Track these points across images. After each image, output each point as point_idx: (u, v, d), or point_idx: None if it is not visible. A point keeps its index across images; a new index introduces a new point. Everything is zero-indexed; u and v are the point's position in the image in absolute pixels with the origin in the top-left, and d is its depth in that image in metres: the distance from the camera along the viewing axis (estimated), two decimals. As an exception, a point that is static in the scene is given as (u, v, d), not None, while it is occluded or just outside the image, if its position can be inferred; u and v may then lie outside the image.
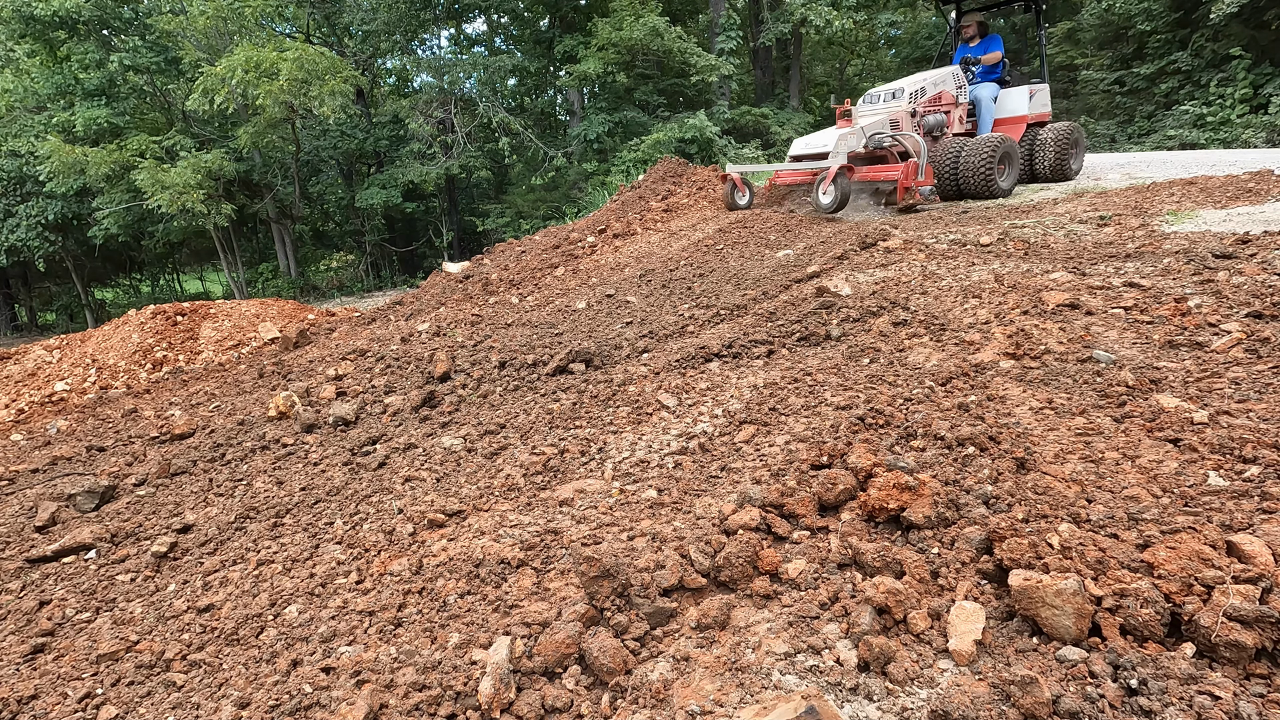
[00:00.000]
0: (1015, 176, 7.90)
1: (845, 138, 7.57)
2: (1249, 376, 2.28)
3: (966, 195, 7.70)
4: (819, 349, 3.23)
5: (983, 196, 7.60)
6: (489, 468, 2.76)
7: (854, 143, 7.60)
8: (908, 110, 8.09)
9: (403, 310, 7.08)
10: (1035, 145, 8.65)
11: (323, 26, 20.70)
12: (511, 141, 19.66)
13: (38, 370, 7.58)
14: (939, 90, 8.45)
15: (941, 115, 8.31)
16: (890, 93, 8.33)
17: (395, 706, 1.51)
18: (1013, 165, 7.83)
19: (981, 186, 7.52)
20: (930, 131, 8.22)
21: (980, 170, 7.45)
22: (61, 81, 17.45)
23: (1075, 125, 8.73)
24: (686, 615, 1.64)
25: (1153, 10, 17.72)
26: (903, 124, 8.03)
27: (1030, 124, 8.76)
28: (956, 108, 8.66)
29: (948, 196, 7.83)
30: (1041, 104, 8.97)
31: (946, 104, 8.54)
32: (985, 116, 8.76)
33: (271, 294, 18.96)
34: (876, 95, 8.42)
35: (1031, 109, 8.78)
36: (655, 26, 16.73)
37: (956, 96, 8.64)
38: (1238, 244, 3.80)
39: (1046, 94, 9.09)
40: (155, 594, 2.40)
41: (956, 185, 7.71)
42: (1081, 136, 8.82)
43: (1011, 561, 1.55)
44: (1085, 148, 9.02)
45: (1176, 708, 1.20)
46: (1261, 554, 1.43)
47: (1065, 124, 8.65)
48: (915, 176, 7.09)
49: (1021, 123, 8.73)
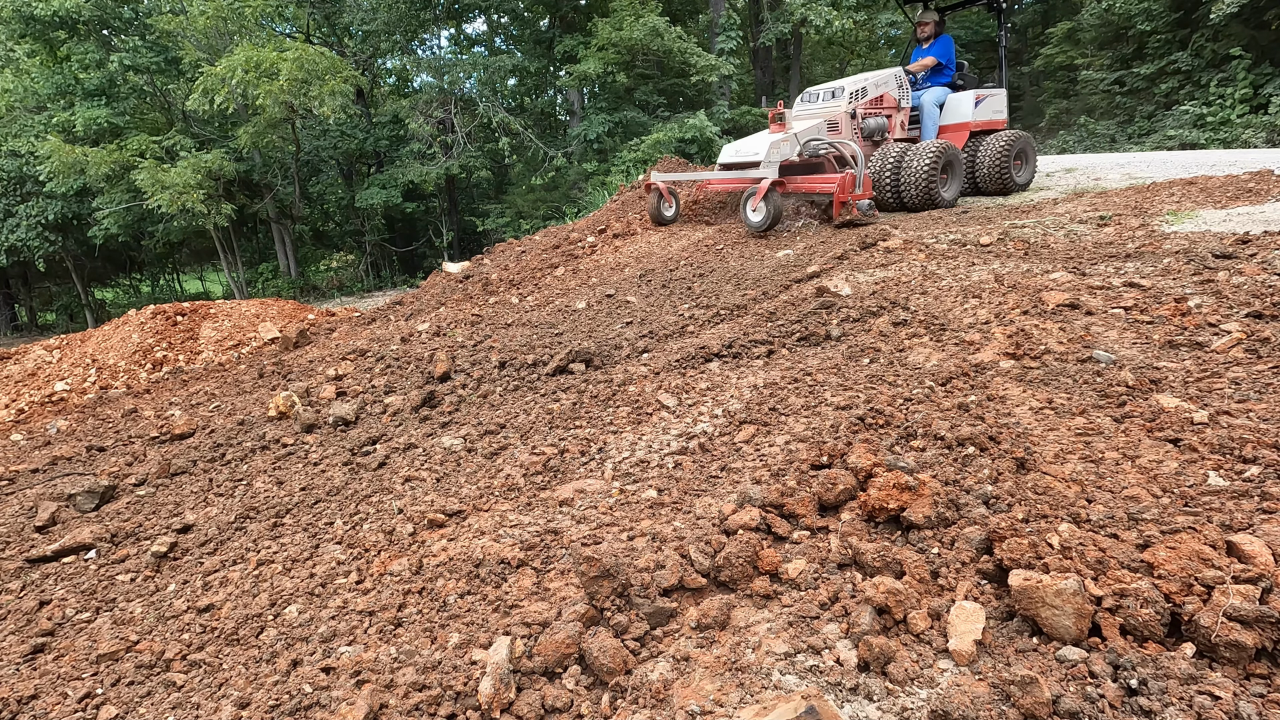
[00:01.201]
0: (958, 187, 7.45)
1: (777, 145, 6.91)
2: (1249, 376, 2.28)
3: (906, 206, 7.20)
4: (819, 349, 3.23)
5: (923, 208, 7.11)
6: (489, 468, 2.76)
7: (787, 151, 6.95)
8: (847, 111, 7.58)
9: (403, 310, 7.08)
10: (977, 154, 8.09)
11: (323, 26, 20.70)
12: (511, 141, 19.67)
13: (38, 370, 7.58)
14: (881, 92, 7.92)
15: (883, 119, 7.82)
16: (830, 91, 7.80)
17: (395, 706, 1.51)
18: (956, 174, 7.38)
19: (922, 197, 7.04)
20: (870, 136, 7.76)
21: (921, 179, 6.97)
22: (61, 81, 17.45)
23: (1023, 135, 8.20)
24: (686, 615, 1.64)
25: (1153, 10, 17.73)
26: (842, 125, 7.51)
27: (976, 131, 8.23)
28: (899, 111, 8.13)
29: (886, 208, 7.27)
30: (993, 110, 8.42)
31: (888, 107, 8.03)
32: (928, 122, 8.20)
33: (271, 294, 18.96)
34: (815, 94, 7.88)
35: (978, 115, 8.22)
36: (655, 26, 16.73)
37: (899, 100, 8.11)
38: (1238, 244, 3.80)
39: (1001, 100, 8.53)
40: (155, 594, 2.40)
41: (897, 195, 7.22)
42: (1030, 147, 8.32)
43: (1011, 561, 1.55)
44: (1035, 159, 8.49)
45: (1176, 708, 1.20)
46: (1261, 554, 1.43)
47: (1012, 133, 8.12)
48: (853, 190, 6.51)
49: (964, 130, 8.20)
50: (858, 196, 6.45)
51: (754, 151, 7.10)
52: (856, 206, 6.39)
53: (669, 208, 7.81)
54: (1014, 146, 7.97)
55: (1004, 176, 7.92)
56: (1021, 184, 8.22)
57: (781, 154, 6.86)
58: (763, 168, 6.68)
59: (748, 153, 7.20)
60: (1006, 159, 7.88)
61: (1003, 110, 8.53)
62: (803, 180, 6.89)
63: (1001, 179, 7.92)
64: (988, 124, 8.31)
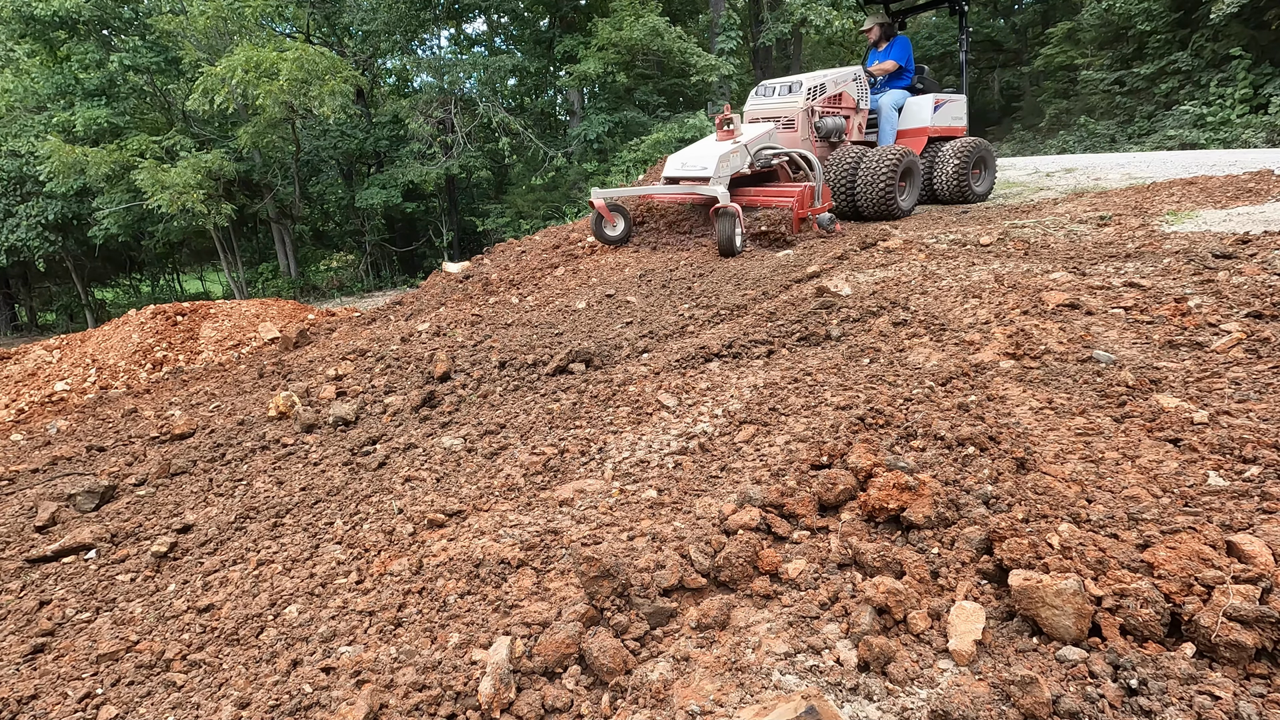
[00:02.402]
0: (916, 196, 7.11)
1: (726, 158, 6.15)
2: (1249, 376, 2.28)
3: (863, 215, 6.81)
4: (819, 349, 3.23)
5: (881, 217, 6.72)
6: (489, 468, 2.76)
7: (737, 163, 6.26)
8: (804, 109, 7.08)
9: (403, 310, 7.08)
10: (935, 161, 7.79)
11: (323, 26, 20.70)
12: (511, 141, 19.66)
13: (38, 370, 7.58)
14: (840, 90, 7.46)
15: (841, 119, 7.38)
16: (787, 86, 7.29)
17: (395, 706, 1.51)
18: (914, 183, 7.04)
19: (879, 205, 6.65)
20: (827, 136, 7.30)
21: (879, 187, 6.56)
22: (61, 81, 17.45)
23: (982, 143, 7.93)
24: (686, 615, 1.64)
25: (1153, 10, 17.74)
26: (798, 123, 7.04)
27: (934, 138, 7.93)
28: (857, 113, 7.71)
29: (842, 215, 6.85)
30: (952, 117, 8.11)
31: (847, 107, 7.58)
32: (886, 126, 7.86)
33: (271, 294, 18.96)
34: (771, 88, 7.39)
35: (936, 121, 7.89)
36: (655, 26, 16.74)
37: (858, 100, 7.67)
38: (1238, 244, 3.80)
39: (961, 106, 8.20)
40: (155, 594, 2.40)
41: (852, 202, 6.81)
42: (989, 156, 8.04)
43: (1011, 561, 1.55)
44: (994, 168, 8.20)
45: (1176, 708, 1.20)
46: (1261, 554, 1.43)
47: (971, 140, 7.85)
48: (812, 202, 6.01)
49: (922, 135, 7.88)
50: (817, 210, 6.02)
51: (701, 166, 6.27)
52: (817, 221, 5.95)
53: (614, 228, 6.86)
54: (973, 154, 7.72)
55: (963, 186, 7.66)
56: (980, 194, 7.94)
57: (731, 167, 6.21)
58: (712, 184, 6.01)
59: (695, 166, 6.38)
60: (966, 167, 7.62)
61: (962, 117, 8.25)
62: (757, 193, 6.39)
63: (960, 188, 7.66)
64: (947, 130, 8.04)
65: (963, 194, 7.68)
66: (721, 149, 6.25)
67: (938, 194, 7.80)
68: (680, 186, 6.38)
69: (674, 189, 6.48)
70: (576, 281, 6.27)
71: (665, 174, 6.65)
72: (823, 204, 6.08)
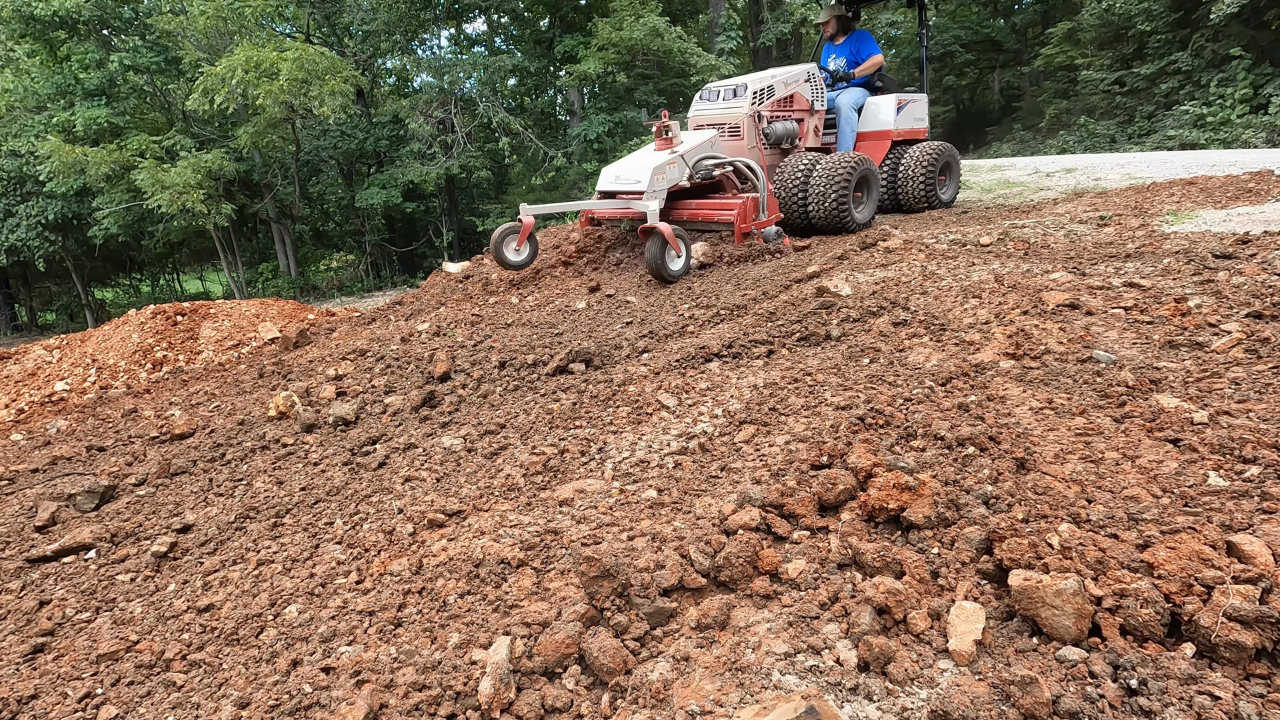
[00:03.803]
0: (874, 206, 6.48)
1: (661, 171, 5.61)
2: (1249, 376, 2.28)
3: (815, 228, 6.23)
4: (819, 349, 3.23)
5: (834, 231, 6.14)
6: (489, 468, 2.76)
7: (674, 175, 5.73)
8: (750, 114, 6.39)
9: (403, 310, 7.08)
10: (899, 167, 7.30)
11: (323, 26, 20.71)
12: (511, 141, 19.66)
13: (38, 370, 7.58)
14: (791, 91, 6.75)
15: (793, 123, 6.69)
16: (731, 89, 6.58)
17: (395, 706, 1.51)
18: (872, 192, 6.40)
19: (833, 218, 6.01)
20: (778, 143, 6.63)
21: (831, 200, 5.95)
22: (61, 81, 17.45)
23: (948, 147, 7.44)
24: (686, 615, 1.64)
25: (1153, 10, 17.74)
26: (744, 131, 6.35)
27: (897, 141, 7.40)
28: (812, 115, 7.00)
29: (795, 229, 6.30)
30: (915, 118, 7.58)
31: (800, 109, 6.88)
32: (845, 128, 7.23)
33: (271, 294, 18.95)
34: (714, 92, 6.72)
35: (899, 123, 7.35)
36: (655, 26, 16.75)
37: (812, 102, 6.96)
38: (1238, 244, 3.80)
39: (923, 107, 7.68)
40: (155, 594, 2.40)
41: (805, 214, 6.18)
42: (954, 161, 7.58)
43: (1011, 561, 1.55)
44: (959, 174, 7.79)
45: (1176, 708, 1.20)
46: (1261, 554, 1.43)
47: (937, 144, 7.35)
48: (756, 215, 5.57)
49: (885, 139, 7.33)
50: (761, 223, 5.57)
51: (635, 179, 5.74)
52: (762, 235, 5.54)
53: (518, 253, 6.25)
54: (939, 160, 7.27)
55: (929, 193, 7.25)
56: (945, 202, 7.55)
57: (668, 180, 5.68)
58: (646, 199, 5.48)
59: (629, 179, 5.83)
60: (932, 174, 7.20)
61: (924, 118, 7.72)
62: (698, 207, 5.91)
63: (926, 195, 7.24)
64: (909, 133, 7.55)
65: (928, 202, 7.30)
66: (656, 160, 5.72)
67: (902, 202, 7.40)
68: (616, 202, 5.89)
69: (609, 204, 6.00)
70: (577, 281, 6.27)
71: (599, 188, 6.14)
72: (769, 216, 5.63)
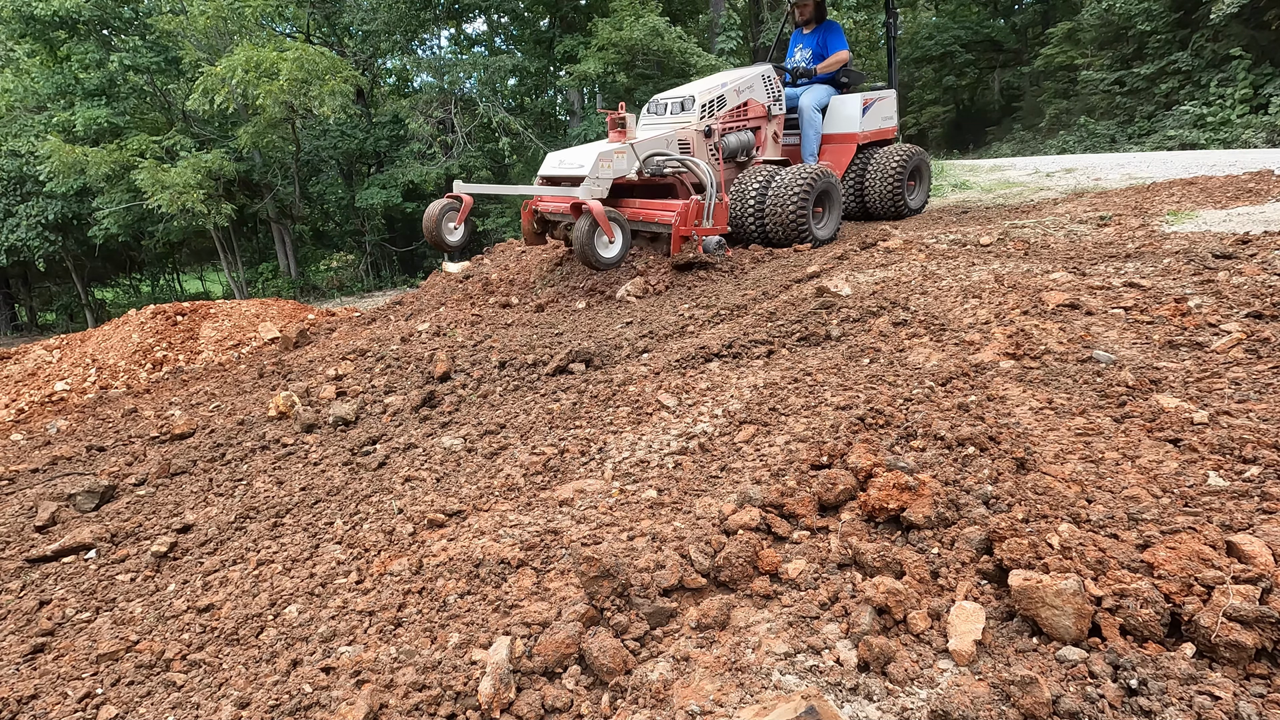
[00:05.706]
0: (837, 219, 5.99)
1: (608, 157, 5.18)
2: (1249, 376, 2.28)
3: (773, 244, 5.80)
4: (819, 349, 3.23)
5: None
6: (489, 468, 2.76)
7: (622, 166, 5.25)
8: (700, 129, 5.79)
9: (403, 310, 7.08)
10: (866, 172, 6.86)
11: (323, 26, 20.70)
12: (511, 141, 19.66)
13: (38, 370, 7.58)
14: (744, 99, 6.17)
15: (748, 134, 6.16)
16: (679, 102, 5.96)
17: (395, 706, 1.51)
18: (833, 207, 5.91)
19: (791, 237, 5.64)
20: (732, 157, 6.11)
21: (788, 217, 5.55)
22: (61, 81, 17.44)
23: (918, 151, 7.01)
24: (686, 615, 1.64)
25: (1153, 10, 17.74)
26: (694, 148, 5.78)
27: (864, 144, 6.91)
28: (769, 121, 6.39)
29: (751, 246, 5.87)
30: (883, 118, 7.04)
31: (755, 117, 6.30)
32: (809, 131, 6.66)
33: (271, 294, 18.95)
34: (661, 104, 6.12)
35: (865, 125, 6.83)
36: (655, 26, 16.73)
37: (769, 107, 6.35)
38: (1238, 244, 3.80)
39: (892, 105, 7.12)
40: (155, 594, 2.40)
41: (762, 230, 5.78)
42: (925, 165, 7.15)
43: (1011, 561, 1.55)
44: (929, 179, 7.37)
45: (1176, 708, 1.20)
46: (1261, 554, 1.43)
47: (907, 148, 6.93)
48: (699, 220, 5.22)
49: (851, 142, 6.83)
50: (704, 231, 5.22)
51: (578, 164, 5.39)
52: (702, 245, 5.19)
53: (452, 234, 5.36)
54: (908, 164, 6.84)
55: (898, 200, 6.87)
56: (915, 208, 7.17)
57: (615, 170, 5.22)
58: (586, 184, 5.09)
59: (572, 163, 5.51)
60: (901, 180, 6.80)
61: (893, 117, 7.19)
62: (641, 207, 5.52)
63: (895, 203, 6.88)
64: (877, 134, 7.05)
65: (897, 209, 6.93)
66: (603, 147, 5.32)
67: (870, 209, 7.05)
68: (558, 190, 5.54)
69: (550, 190, 5.63)
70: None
71: (541, 172, 5.78)
72: (714, 225, 5.29)
